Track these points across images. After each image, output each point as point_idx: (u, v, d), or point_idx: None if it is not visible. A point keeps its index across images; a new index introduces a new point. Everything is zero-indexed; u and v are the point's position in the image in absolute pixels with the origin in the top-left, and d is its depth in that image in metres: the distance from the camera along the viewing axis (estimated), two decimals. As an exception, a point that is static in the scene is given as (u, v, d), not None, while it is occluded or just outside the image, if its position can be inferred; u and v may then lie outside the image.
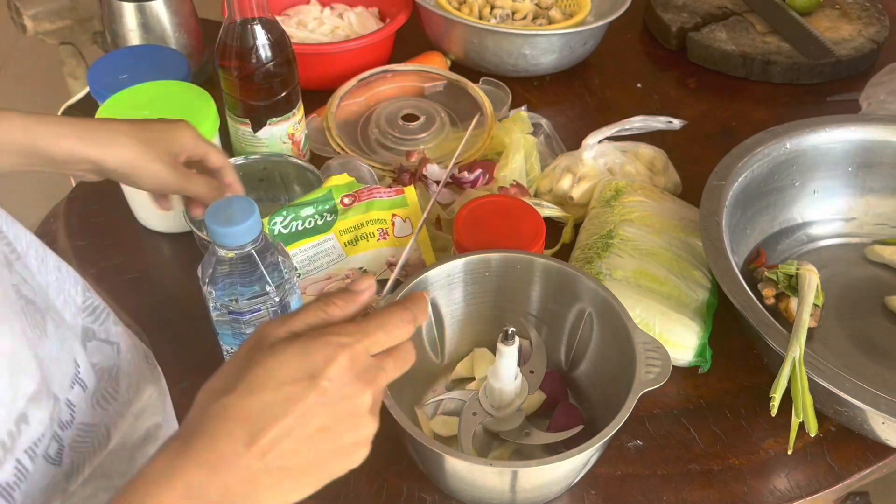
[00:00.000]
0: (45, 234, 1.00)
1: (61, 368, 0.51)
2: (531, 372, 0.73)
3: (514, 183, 0.90)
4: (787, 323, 0.78)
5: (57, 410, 0.49)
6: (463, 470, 0.63)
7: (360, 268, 0.84)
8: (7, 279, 0.47)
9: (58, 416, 0.49)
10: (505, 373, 0.68)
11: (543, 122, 1.04)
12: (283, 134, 0.93)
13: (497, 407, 0.70)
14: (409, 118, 1.03)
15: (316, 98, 1.03)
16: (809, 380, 0.68)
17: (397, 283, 0.72)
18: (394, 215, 0.86)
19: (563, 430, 0.71)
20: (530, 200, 0.88)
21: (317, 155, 1.01)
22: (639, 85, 1.18)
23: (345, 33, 1.16)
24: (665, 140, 1.07)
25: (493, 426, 0.71)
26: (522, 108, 1.08)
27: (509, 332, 0.65)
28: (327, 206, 0.86)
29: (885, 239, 0.91)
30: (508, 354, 0.66)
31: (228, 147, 0.97)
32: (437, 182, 0.92)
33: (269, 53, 0.87)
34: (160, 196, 0.75)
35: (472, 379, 0.77)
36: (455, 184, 0.92)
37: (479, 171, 0.91)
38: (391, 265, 0.84)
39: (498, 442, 0.73)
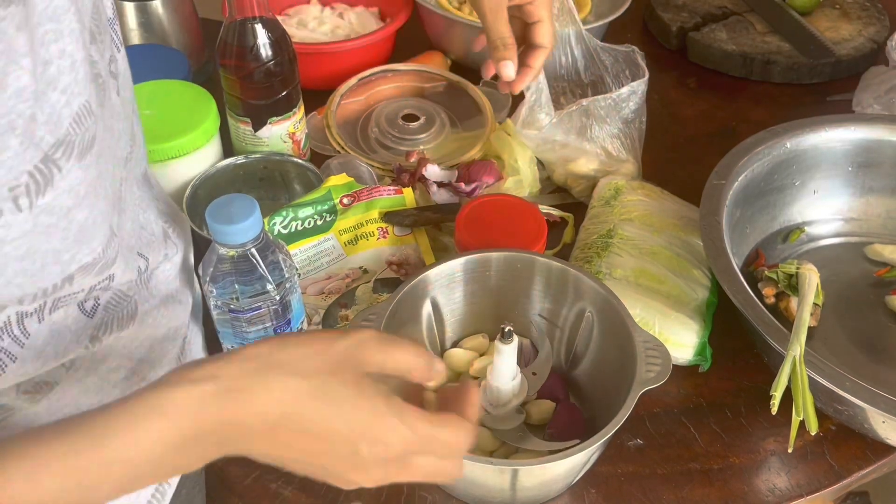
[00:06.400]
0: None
1: (125, 243, 0.54)
2: (533, 374, 0.73)
3: None
4: (788, 322, 0.77)
5: (100, 278, 0.52)
6: (463, 468, 0.63)
7: (361, 267, 0.84)
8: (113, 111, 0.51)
9: (99, 282, 0.53)
10: (503, 371, 0.68)
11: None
12: (283, 133, 0.93)
13: (495, 405, 0.70)
14: (409, 118, 1.03)
15: (316, 97, 1.03)
16: (809, 378, 0.68)
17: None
18: (394, 214, 0.87)
19: (563, 430, 0.71)
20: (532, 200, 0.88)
21: (316, 153, 1.01)
22: (639, 85, 1.17)
23: (345, 33, 1.16)
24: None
25: (490, 423, 0.71)
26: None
27: (507, 330, 0.65)
28: (326, 207, 0.86)
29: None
30: (507, 353, 0.66)
31: (229, 146, 0.97)
32: (437, 183, 0.92)
33: (269, 52, 0.87)
34: None
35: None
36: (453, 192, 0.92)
37: (475, 184, 0.91)
38: (391, 264, 0.84)
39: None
